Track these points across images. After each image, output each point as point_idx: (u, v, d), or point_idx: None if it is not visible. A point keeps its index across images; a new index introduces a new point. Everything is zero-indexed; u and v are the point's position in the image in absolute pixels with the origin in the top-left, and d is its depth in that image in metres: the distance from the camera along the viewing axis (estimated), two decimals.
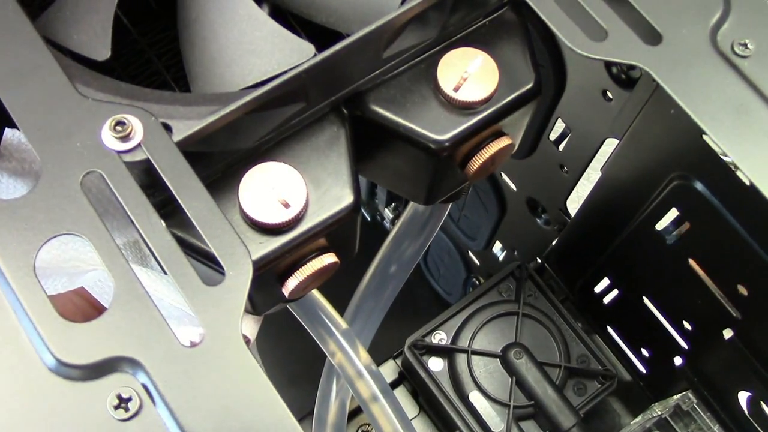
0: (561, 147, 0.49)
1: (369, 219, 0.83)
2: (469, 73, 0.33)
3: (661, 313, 0.45)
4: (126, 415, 0.24)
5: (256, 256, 0.31)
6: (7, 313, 0.25)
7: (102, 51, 0.29)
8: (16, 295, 0.25)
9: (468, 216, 0.67)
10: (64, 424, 0.24)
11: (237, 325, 0.25)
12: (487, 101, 0.33)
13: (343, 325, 0.45)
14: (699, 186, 0.36)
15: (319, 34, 0.35)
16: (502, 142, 0.35)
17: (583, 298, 0.52)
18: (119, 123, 0.27)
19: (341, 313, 0.47)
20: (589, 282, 0.50)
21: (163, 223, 0.26)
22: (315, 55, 0.30)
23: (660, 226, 0.41)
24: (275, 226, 0.31)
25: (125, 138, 0.27)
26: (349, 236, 0.34)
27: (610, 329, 0.52)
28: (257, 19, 0.30)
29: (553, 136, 0.49)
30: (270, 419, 0.24)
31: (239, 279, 0.26)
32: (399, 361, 0.51)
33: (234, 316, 0.25)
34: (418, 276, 0.85)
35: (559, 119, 0.47)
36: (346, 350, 0.45)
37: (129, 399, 0.24)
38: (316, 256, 0.33)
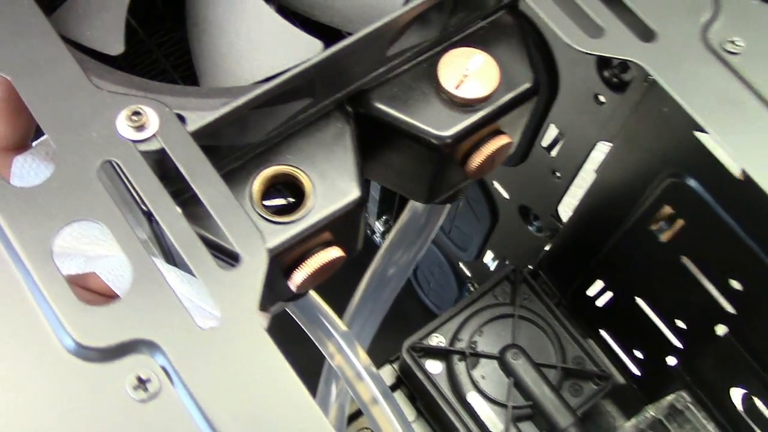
0: (553, 153, 0.50)
1: None
2: (470, 71, 0.34)
3: (655, 313, 0.46)
4: (145, 396, 0.24)
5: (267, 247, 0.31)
6: (26, 298, 0.25)
7: (115, 46, 0.30)
8: (35, 280, 0.25)
9: (459, 227, 0.68)
10: (84, 405, 0.24)
11: (254, 307, 0.25)
12: (487, 99, 0.34)
13: (342, 327, 0.45)
14: (692, 183, 0.37)
15: (322, 35, 0.36)
16: (502, 140, 0.36)
17: (575, 301, 0.52)
18: (135, 113, 0.28)
19: (340, 315, 0.47)
20: (582, 285, 0.51)
21: (179, 210, 0.27)
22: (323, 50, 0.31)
23: (653, 225, 0.42)
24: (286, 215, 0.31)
25: (140, 128, 0.28)
26: (354, 230, 0.35)
27: (603, 332, 0.52)
28: (266, 16, 0.31)
29: (545, 142, 0.50)
30: (288, 398, 0.24)
31: (255, 263, 0.26)
32: (396, 366, 0.51)
33: (250, 298, 0.25)
34: (407, 290, 0.85)
35: (552, 125, 0.48)
36: (346, 352, 0.45)
37: (148, 380, 0.24)
38: (323, 249, 0.33)
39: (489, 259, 0.68)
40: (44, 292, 0.25)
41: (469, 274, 0.73)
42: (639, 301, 0.47)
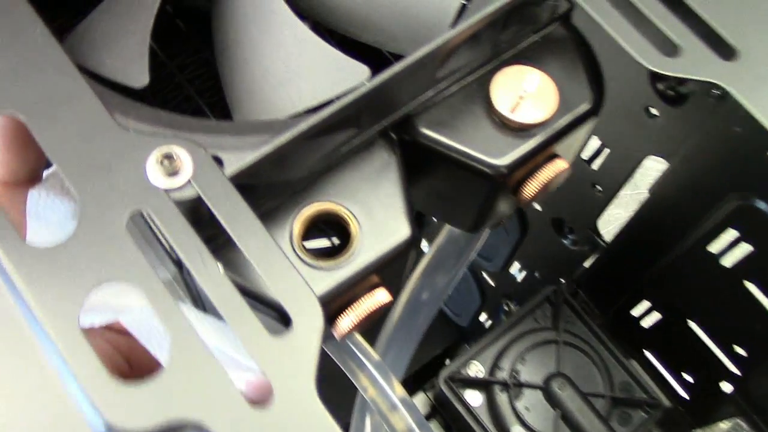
0: (595, 165, 0.47)
1: None
2: (527, 92, 0.31)
3: (710, 337, 0.43)
4: None
5: None
6: (51, 374, 0.22)
7: (139, 77, 0.27)
8: (61, 353, 0.22)
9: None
10: None
11: (311, 381, 0.22)
12: (544, 123, 0.31)
13: (375, 357, 0.43)
14: (762, 206, 0.34)
15: (354, 52, 0.33)
16: (558, 166, 0.33)
17: (618, 321, 0.50)
18: (167, 156, 0.24)
19: (370, 341, 0.44)
20: (627, 304, 0.48)
21: (221, 267, 0.24)
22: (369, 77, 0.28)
23: (714, 248, 0.39)
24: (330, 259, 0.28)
25: (173, 173, 0.24)
26: (402, 270, 0.32)
27: (647, 353, 0.50)
28: (305, 40, 0.28)
29: (585, 154, 0.47)
30: None
31: (309, 328, 0.23)
32: (431, 394, 0.48)
33: (307, 371, 0.22)
34: None
35: (594, 136, 0.45)
36: (380, 384, 0.42)
37: None
38: (369, 292, 0.30)
39: (515, 269, 0.65)
40: (72, 367, 0.22)
41: (492, 284, 0.70)
42: (691, 323, 0.44)
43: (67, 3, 0.30)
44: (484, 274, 0.70)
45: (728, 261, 0.39)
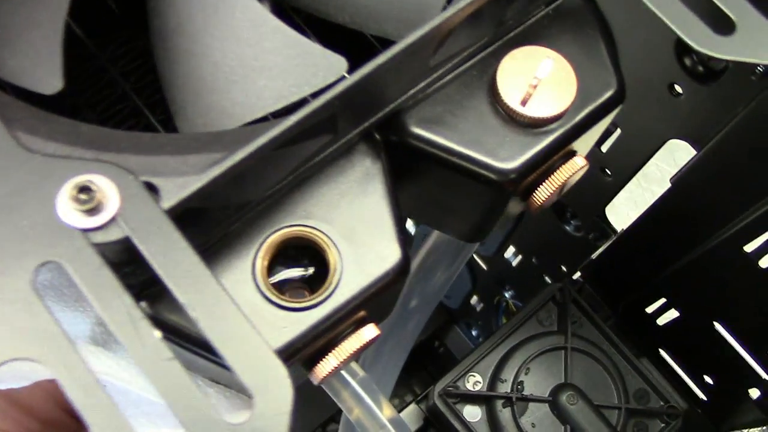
0: (604, 147, 0.41)
1: None
2: (540, 80, 0.25)
3: (740, 342, 0.38)
4: None
5: (278, 343, 0.23)
6: None
7: (50, 80, 0.21)
8: None
9: None
10: None
11: None
12: (561, 116, 0.26)
13: (360, 372, 0.37)
14: None
15: (321, 36, 0.27)
16: (576, 164, 0.28)
17: (629, 318, 0.45)
18: (83, 189, 0.19)
19: None
20: (640, 301, 0.43)
21: (158, 334, 0.18)
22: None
23: (751, 247, 0.34)
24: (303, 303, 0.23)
25: (93, 210, 0.19)
26: (393, 299, 0.27)
27: (662, 353, 0.45)
28: (265, 25, 0.22)
29: None
30: None
31: (275, 412, 0.18)
32: (423, 406, 0.43)
33: None
34: None
35: None
36: (366, 403, 0.37)
37: None
38: (354, 331, 0.25)
39: (510, 254, 0.60)
40: None
41: (485, 268, 0.65)
42: (717, 325, 0.39)
43: None
44: (476, 257, 0.65)
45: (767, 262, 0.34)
